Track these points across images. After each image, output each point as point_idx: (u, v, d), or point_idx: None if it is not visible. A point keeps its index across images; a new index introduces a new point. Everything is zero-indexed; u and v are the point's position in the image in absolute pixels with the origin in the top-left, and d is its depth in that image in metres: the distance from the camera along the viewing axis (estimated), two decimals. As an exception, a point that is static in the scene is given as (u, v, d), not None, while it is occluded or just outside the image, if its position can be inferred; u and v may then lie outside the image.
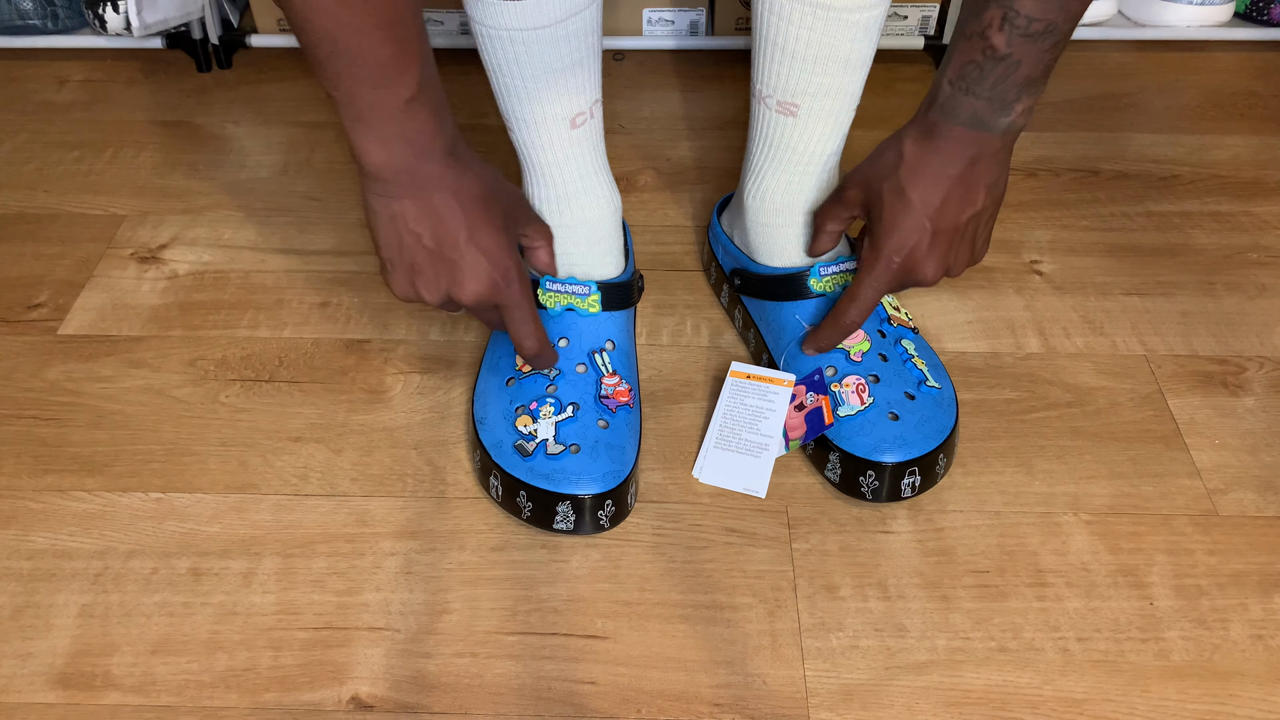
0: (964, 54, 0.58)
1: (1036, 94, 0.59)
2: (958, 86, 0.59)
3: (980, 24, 0.56)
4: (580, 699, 0.60)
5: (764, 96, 0.72)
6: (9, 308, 0.85)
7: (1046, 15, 0.55)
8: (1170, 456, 0.73)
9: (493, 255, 0.61)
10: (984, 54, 0.57)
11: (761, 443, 0.71)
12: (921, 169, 0.62)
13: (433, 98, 0.57)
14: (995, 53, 0.57)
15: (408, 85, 0.54)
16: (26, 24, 1.10)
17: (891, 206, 0.64)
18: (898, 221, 0.64)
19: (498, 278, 0.62)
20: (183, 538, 0.68)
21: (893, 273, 0.65)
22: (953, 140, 0.61)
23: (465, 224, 0.60)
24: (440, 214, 0.60)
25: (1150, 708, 0.59)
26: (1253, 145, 1.05)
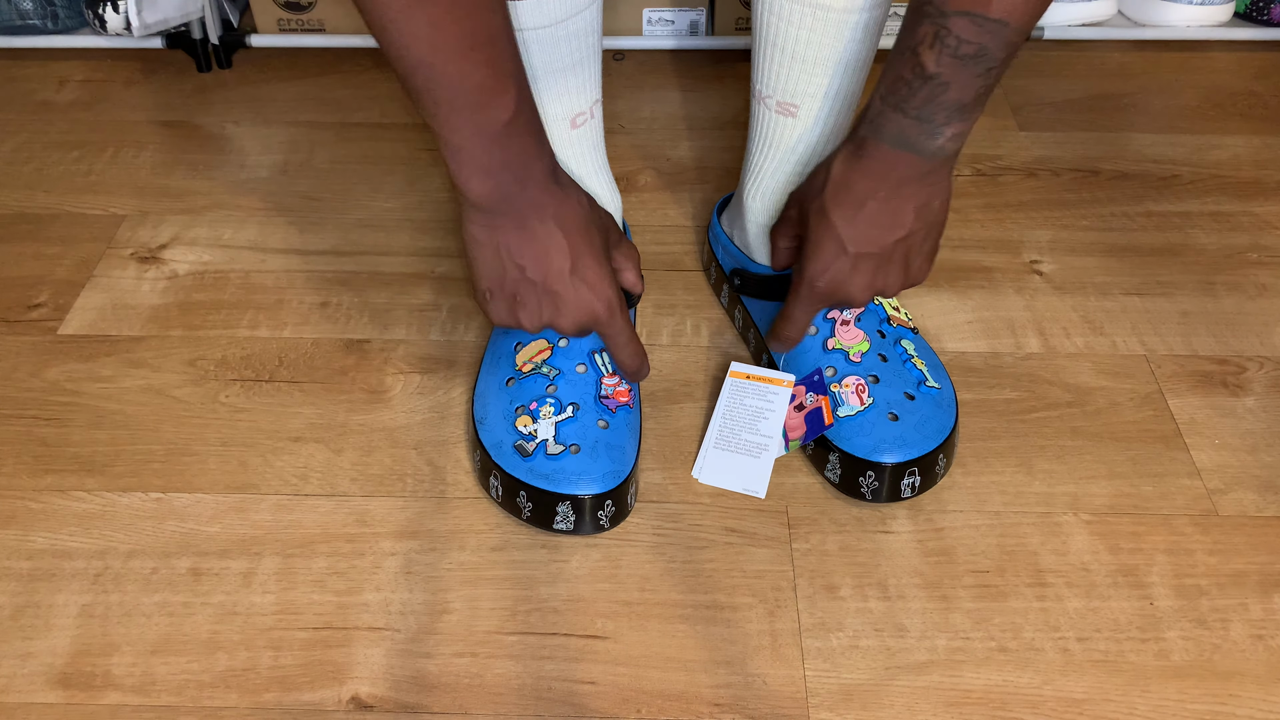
0: (895, 69, 0.57)
1: (968, 120, 0.57)
2: (888, 103, 0.58)
3: (913, 39, 0.55)
4: (580, 699, 0.60)
5: (764, 97, 0.72)
6: (9, 308, 0.85)
7: (979, 39, 0.53)
8: (1170, 456, 0.73)
9: (596, 286, 0.62)
10: (913, 71, 0.55)
11: (761, 443, 0.71)
12: (845, 190, 0.61)
13: (531, 120, 0.56)
14: (924, 71, 0.55)
15: (505, 107, 0.53)
16: (26, 24, 1.10)
17: (816, 228, 0.63)
18: (820, 244, 0.63)
19: (600, 309, 0.62)
20: (183, 538, 0.68)
21: (817, 295, 0.65)
22: (879, 160, 0.59)
23: (569, 255, 0.60)
24: (545, 245, 0.59)
25: (1150, 708, 0.59)
26: (1253, 145, 1.05)
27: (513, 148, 0.56)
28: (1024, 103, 1.10)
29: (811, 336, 0.73)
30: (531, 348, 0.72)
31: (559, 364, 0.71)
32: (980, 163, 1.01)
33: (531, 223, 0.59)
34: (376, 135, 1.05)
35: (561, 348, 0.71)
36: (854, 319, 0.72)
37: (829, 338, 0.72)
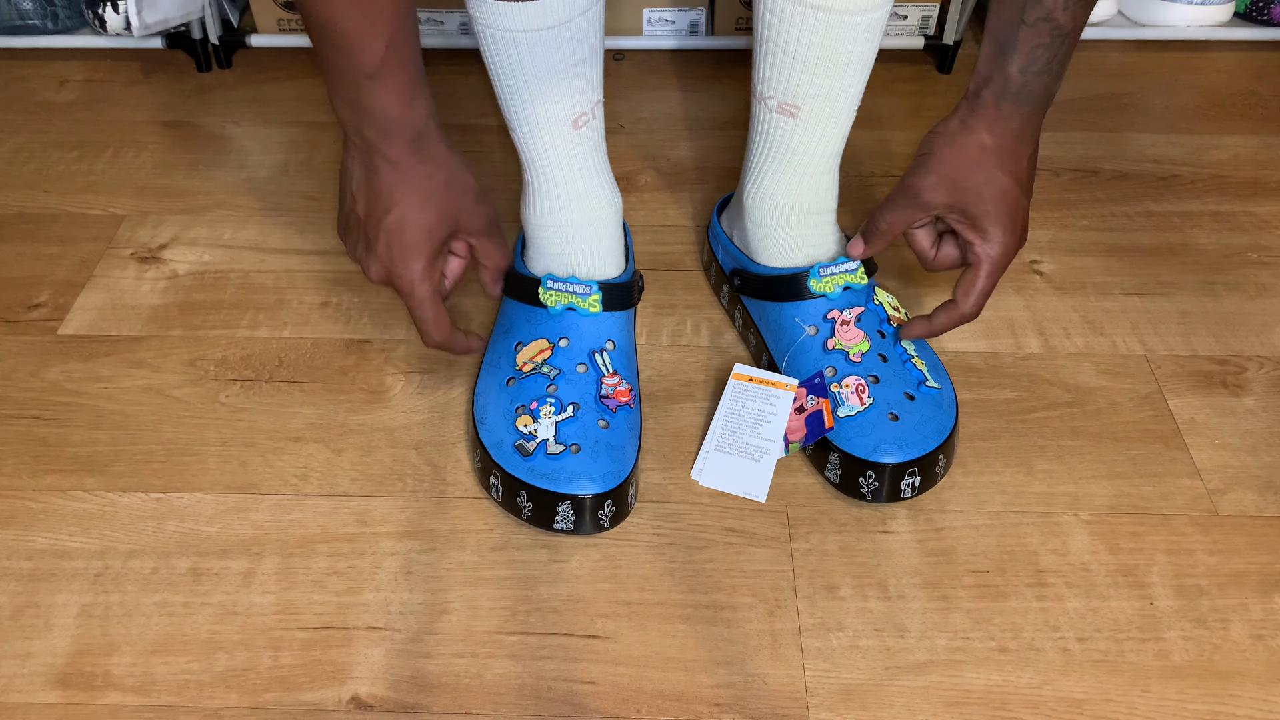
0: (1031, 40, 0.61)
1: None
2: (1028, 73, 0.62)
3: (1043, 9, 0.59)
4: (580, 699, 0.60)
5: (765, 97, 0.72)
6: (9, 308, 0.85)
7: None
8: (1170, 456, 0.73)
9: (402, 250, 0.63)
10: (1052, 35, 0.60)
11: (763, 447, 0.71)
12: (1008, 154, 0.65)
13: (400, 82, 0.59)
14: (1062, 30, 0.60)
15: (368, 61, 0.57)
16: (26, 24, 1.10)
17: (994, 196, 0.66)
18: (1006, 205, 0.66)
19: (398, 273, 0.64)
20: (183, 538, 0.68)
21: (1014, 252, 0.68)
22: (1026, 121, 0.64)
23: (391, 210, 0.63)
24: (375, 191, 0.62)
25: (1150, 708, 0.59)
26: (1253, 145, 1.05)
27: (374, 99, 0.59)
28: (1024, 103, 1.10)
29: (811, 337, 0.73)
30: (532, 347, 0.72)
31: (559, 364, 0.71)
32: (980, 163, 1.01)
33: (378, 164, 0.62)
34: (376, 135, 1.05)
35: (562, 348, 0.71)
36: (854, 319, 0.72)
37: (829, 338, 0.72)
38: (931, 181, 0.67)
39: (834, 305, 0.73)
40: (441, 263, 0.67)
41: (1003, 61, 0.62)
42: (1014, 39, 0.61)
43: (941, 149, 0.66)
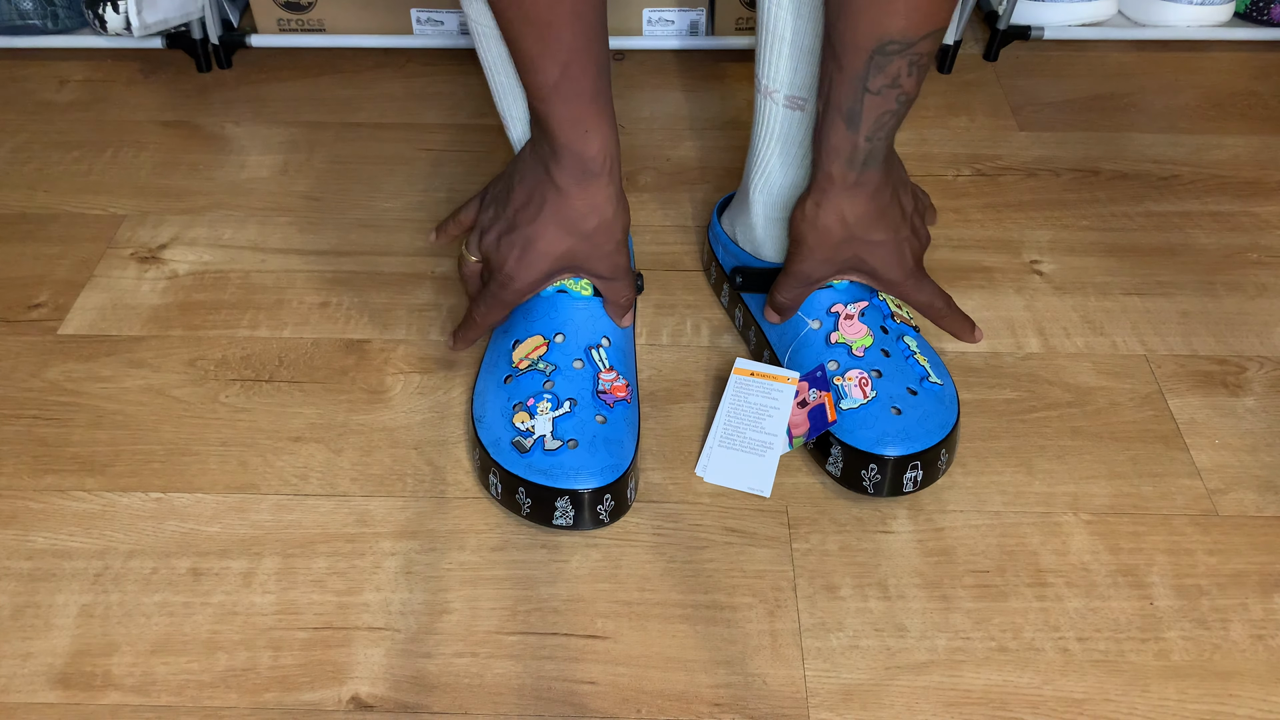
0: (878, 108, 0.61)
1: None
2: (875, 139, 0.63)
3: (887, 77, 0.60)
4: (580, 699, 0.60)
5: (771, 91, 0.72)
6: (9, 308, 0.85)
7: (933, 48, 0.59)
8: (1170, 456, 0.73)
9: (520, 260, 0.68)
10: (898, 101, 0.61)
11: (766, 441, 0.71)
12: (871, 215, 0.67)
13: (573, 111, 0.62)
14: (908, 95, 0.61)
15: (544, 83, 0.61)
16: (26, 24, 1.10)
17: (875, 256, 0.69)
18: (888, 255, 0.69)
19: (506, 271, 0.69)
20: (183, 538, 0.68)
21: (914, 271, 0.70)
22: (878, 179, 0.65)
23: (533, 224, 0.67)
24: (531, 199, 0.67)
25: (1150, 708, 0.59)
26: (1253, 145, 1.05)
27: (551, 119, 0.63)
28: (1024, 103, 1.10)
29: (815, 331, 0.73)
30: (528, 344, 0.72)
31: (555, 360, 0.71)
32: (980, 163, 1.01)
33: (542, 177, 0.66)
34: (376, 135, 1.05)
35: (558, 344, 0.71)
36: (857, 314, 0.72)
37: (832, 332, 0.72)
38: (812, 265, 0.70)
39: (838, 299, 0.73)
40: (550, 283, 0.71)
41: (848, 132, 0.63)
42: (859, 108, 0.61)
43: (809, 235, 0.68)
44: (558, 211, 0.66)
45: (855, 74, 0.60)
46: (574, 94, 0.62)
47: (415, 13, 1.12)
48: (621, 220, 0.68)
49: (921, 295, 0.71)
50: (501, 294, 0.70)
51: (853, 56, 0.59)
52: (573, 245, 0.68)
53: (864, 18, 0.58)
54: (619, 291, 0.72)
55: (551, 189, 0.66)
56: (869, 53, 0.59)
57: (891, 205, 0.67)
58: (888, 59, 0.59)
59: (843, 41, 0.59)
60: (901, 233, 0.68)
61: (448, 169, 1.01)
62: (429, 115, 1.08)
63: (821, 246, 0.68)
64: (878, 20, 0.57)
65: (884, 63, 0.59)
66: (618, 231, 0.68)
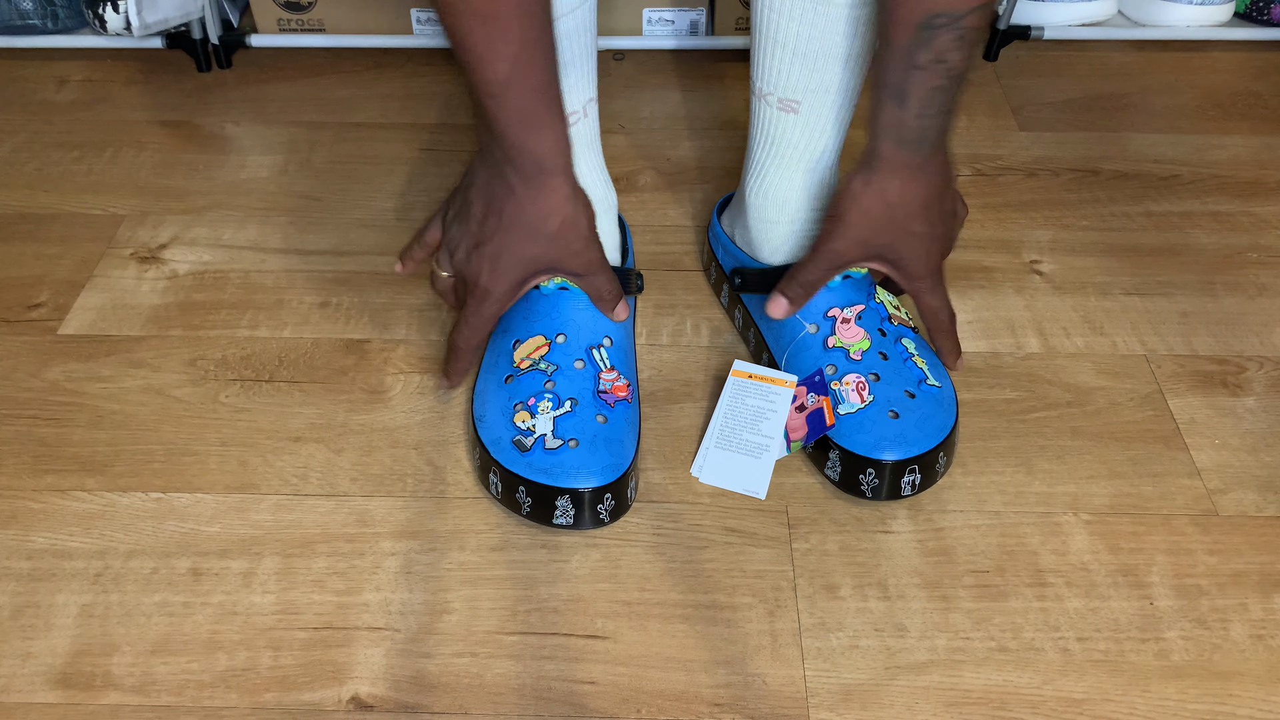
0: (925, 83, 0.60)
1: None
2: (925, 116, 0.61)
3: (933, 52, 0.58)
4: (580, 699, 0.60)
5: (765, 94, 0.72)
6: (9, 308, 0.85)
7: (983, 22, 0.58)
8: (1170, 456, 0.73)
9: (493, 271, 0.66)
10: (946, 76, 0.59)
11: (762, 444, 0.71)
12: (913, 203, 0.65)
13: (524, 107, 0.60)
14: (955, 70, 0.59)
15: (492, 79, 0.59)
16: (26, 24, 1.10)
17: (907, 248, 0.67)
18: (919, 250, 0.67)
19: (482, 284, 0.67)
20: (183, 538, 0.68)
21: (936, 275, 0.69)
22: (925, 164, 0.64)
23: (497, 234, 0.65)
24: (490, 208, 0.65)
25: (1150, 708, 0.59)
26: (1253, 145, 1.05)
27: (501, 117, 0.60)
28: (1024, 103, 1.10)
29: (812, 335, 0.73)
30: (529, 344, 0.72)
31: (556, 359, 0.71)
32: (980, 163, 1.01)
33: (498, 187, 0.64)
34: (376, 135, 1.05)
35: (559, 344, 0.71)
36: (854, 317, 0.72)
37: (829, 335, 0.72)
38: (845, 244, 0.68)
39: (835, 302, 0.73)
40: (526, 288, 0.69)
41: (897, 109, 0.61)
42: (907, 84, 0.60)
43: (850, 211, 0.66)
44: (518, 218, 0.65)
45: (902, 49, 0.59)
46: (524, 89, 0.59)
47: (415, 13, 1.12)
48: (584, 215, 0.66)
49: (934, 299, 0.70)
50: (481, 310, 0.68)
51: (899, 31, 0.58)
52: (540, 249, 0.66)
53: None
54: (599, 286, 0.70)
55: (509, 197, 0.64)
56: (915, 27, 0.58)
57: (935, 198, 0.66)
58: (934, 33, 0.58)
59: (890, 17, 0.58)
60: (937, 229, 0.67)
61: (448, 169, 1.01)
62: (429, 115, 1.09)
63: (861, 225, 0.66)
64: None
65: (929, 37, 0.58)
66: (583, 227, 0.66)
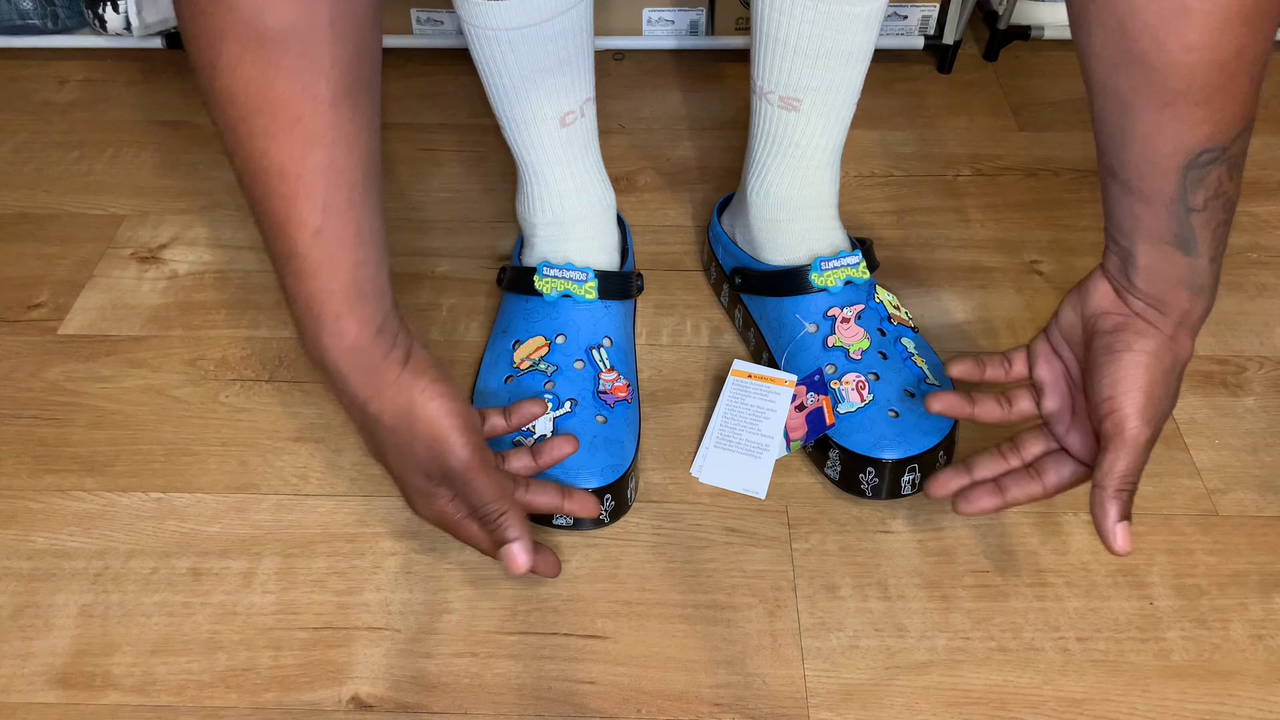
0: (1210, 223, 0.53)
1: None
2: (1218, 259, 0.54)
3: (1208, 190, 0.52)
4: (580, 699, 0.60)
5: (765, 93, 0.72)
6: (9, 308, 0.85)
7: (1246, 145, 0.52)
8: (1170, 456, 0.73)
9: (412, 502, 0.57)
10: (1225, 209, 0.53)
11: (762, 443, 0.71)
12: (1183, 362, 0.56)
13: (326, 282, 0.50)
14: (1233, 201, 0.53)
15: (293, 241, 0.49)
16: (26, 24, 1.10)
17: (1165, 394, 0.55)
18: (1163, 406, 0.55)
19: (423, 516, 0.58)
20: (183, 538, 0.68)
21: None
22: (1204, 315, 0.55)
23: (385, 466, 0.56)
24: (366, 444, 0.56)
25: (1150, 708, 0.59)
26: (1253, 145, 1.04)
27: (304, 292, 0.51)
28: (1024, 103, 1.10)
29: (812, 334, 0.73)
30: (529, 345, 0.72)
31: (556, 360, 0.71)
32: (980, 163, 1.01)
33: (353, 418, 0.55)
34: (376, 135, 1.05)
35: (559, 344, 0.71)
36: (854, 317, 0.72)
37: (829, 335, 0.72)
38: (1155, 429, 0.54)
39: (834, 302, 0.73)
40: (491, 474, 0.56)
41: (1189, 259, 0.53)
42: (1190, 231, 0.52)
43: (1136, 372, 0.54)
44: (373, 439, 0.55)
45: (1168, 198, 0.52)
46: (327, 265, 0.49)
47: (415, 13, 1.12)
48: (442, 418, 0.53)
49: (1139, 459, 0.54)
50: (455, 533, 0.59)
51: (1160, 181, 0.51)
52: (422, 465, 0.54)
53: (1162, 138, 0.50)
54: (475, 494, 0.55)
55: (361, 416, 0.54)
56: (1179, 171, 0.51)
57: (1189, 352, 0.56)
58: (1204, 170, 0.51)
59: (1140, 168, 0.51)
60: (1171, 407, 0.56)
61: (448, 169, 1.01)
62: (429, 115, 1.08)
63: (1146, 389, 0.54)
64: (1179, 136, 0.49)
65: (1201, 176, 0.51)
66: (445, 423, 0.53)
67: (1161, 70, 0.48)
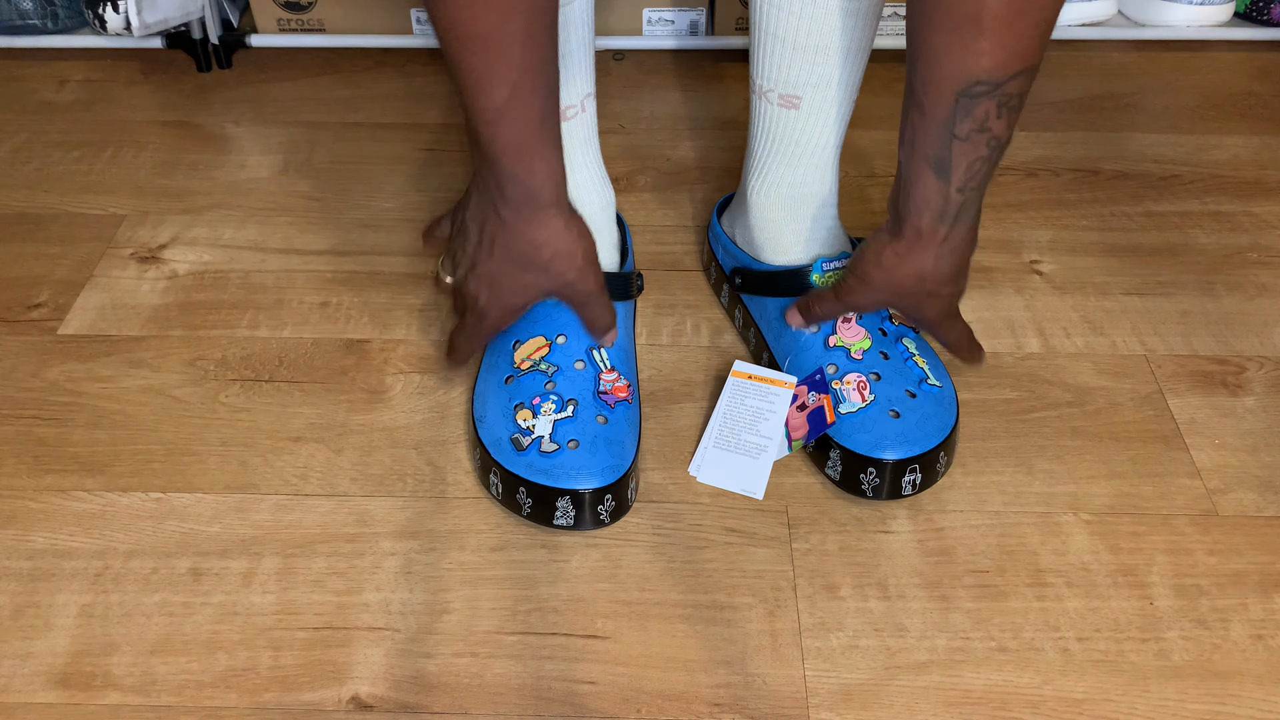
0: (968, 154, 0.57)
1: None
2: (968, 190, 0.59)
3: (974, 121, 0.56)
4: (580, 699, 0.60)
5: (765, 91, 0.72)
6: (9, 308, 0.85)
7: (1024, 88, 0.55)
8: (1170, 456, 0.73)
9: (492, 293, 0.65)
10: (990, 147, 0.57)
11: (761, 444, 0.71)
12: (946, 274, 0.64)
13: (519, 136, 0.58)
14: (1000, 141, 0.57)
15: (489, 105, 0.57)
16: (26, 24, 1.10)
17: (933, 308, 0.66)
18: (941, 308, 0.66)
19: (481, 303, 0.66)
20: (183, 538, 0.68)
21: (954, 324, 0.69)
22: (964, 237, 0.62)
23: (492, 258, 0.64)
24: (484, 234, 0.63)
25: (1150, 708, 0.59)
26: (1253, 145, 1.05)
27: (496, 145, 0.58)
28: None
29: (813, 335, 0.73)
30: (529, 345, 0.72)
31: (557, 360, 0.71)
32: (980, 163, 1.01)
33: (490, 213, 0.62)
34: (376, 135, 1.05)
35: (559, 344, 0.71)
36: (855, 317, 0.72)
37: (830, 335, 0.72)
38: (868, 303, 0.67)
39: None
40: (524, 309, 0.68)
41: (940, 182, 0.59)
42: (948, 156, 0.57)
43: (877, 280, 0.65)
44: (508, 248, 0.63)
45: (940, 119, 0.56)
46: (521, 118, 0.57)
47: (415, 13, 1.12)
48: (579, 244, 0.64)
49: (951, 335, 0.69)
50: (480, 326, 0.67)
51: (937, 100, 0.56)
52: (534, 278, 0.65)
53: (946, 58, 0.54)
54: (592, 314, 0.68)
55: (499, 225, 0.62)
56: (954, 95, 0.55)
57: (965, 264, 0.64)
58: (974, 101, 0.55)
59: (924, 84, 0.56)
60: (961, 284, 0.65)
61: (448, 169, 1.01)
62: (429, 115, 1.09)
63: (887, 290, 0.65)
64: (962, 61, 0.53)
65: (970, 106, 0.55)
66: (577, 257, 0.64)
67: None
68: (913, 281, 0.64)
